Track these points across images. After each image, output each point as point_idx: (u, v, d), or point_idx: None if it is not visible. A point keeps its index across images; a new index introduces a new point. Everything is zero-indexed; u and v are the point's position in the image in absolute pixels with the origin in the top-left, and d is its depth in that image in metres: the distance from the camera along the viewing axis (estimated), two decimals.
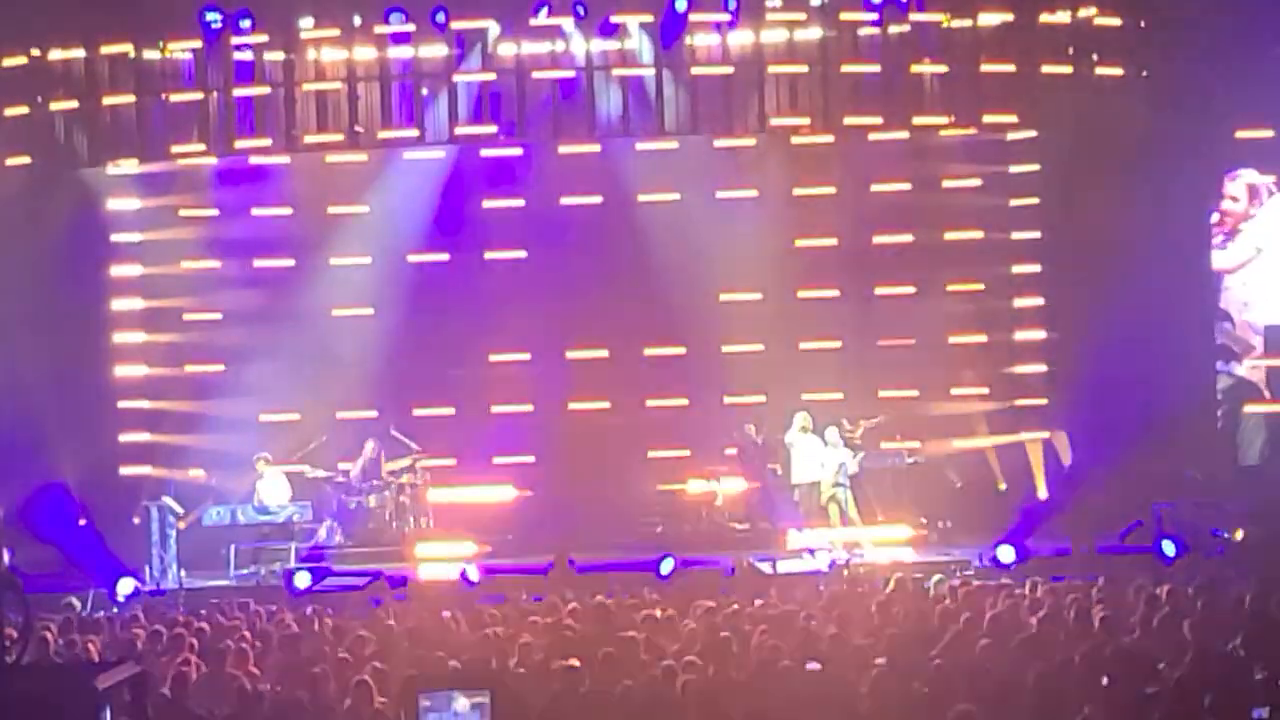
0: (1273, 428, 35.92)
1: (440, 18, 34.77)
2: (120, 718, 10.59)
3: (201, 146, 35.79)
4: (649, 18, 35.04)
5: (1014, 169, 37.21)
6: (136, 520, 34.45)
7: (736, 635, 22.35)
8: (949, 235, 37.30)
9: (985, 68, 35.42)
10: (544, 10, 35.04)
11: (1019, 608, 24.44)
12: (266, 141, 35.90)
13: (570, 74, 35.63)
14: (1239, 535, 32.91)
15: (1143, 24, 35.65)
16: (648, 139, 36.73)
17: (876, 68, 35.43)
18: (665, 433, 37.05)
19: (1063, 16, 35.42)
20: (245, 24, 34.80)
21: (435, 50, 35.31)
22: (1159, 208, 33.87)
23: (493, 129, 36.08)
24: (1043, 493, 35.37)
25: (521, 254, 37.73)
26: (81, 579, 31.12)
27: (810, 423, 35.14)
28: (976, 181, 37.12)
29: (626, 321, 37.40)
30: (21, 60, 35.40)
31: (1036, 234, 37.15)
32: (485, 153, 37.35)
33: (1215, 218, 36.04)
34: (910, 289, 37.25)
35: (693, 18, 34.81)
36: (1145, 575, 26.85)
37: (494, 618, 25.50)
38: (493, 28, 35.36)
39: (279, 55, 35.37)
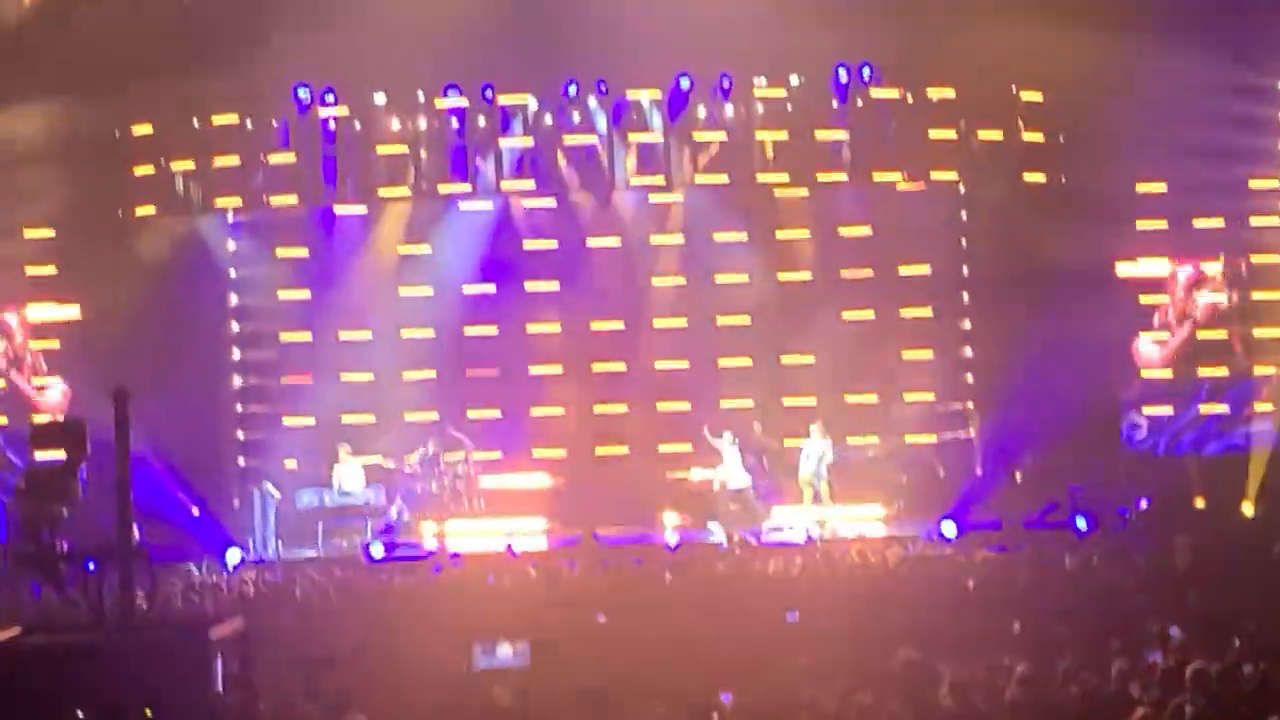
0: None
1: (489, 93, 34.93)
2: (230, 661, 10.66)
3: (294, 198, 35.88)
4: (658, 94, 35.16)
5: (955, 216, 37.19)
6: (237, 503, 34.58)
7: (731, 594, 22.46)
8: (903, 270, 37.28)
9: (932, 134, 35.51)
10: (573, 88, 35.19)
11: (959, 572, 24.51)
12: (347, 194, 36.02)
13: (594, 139, 35.70)
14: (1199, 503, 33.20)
15: (1060, 99, 35.64)
16: (657, 192, 36.79)
17: (844, 134, 35.53)
18: (672, 431, 37.00)
19: (995, 93, 35.47)
20: (329, 98, 34.95)
21: (484, 120, 35.41)
22: (1072, 250, 33.77)
23: (531, 184, 36.18)
24: (977, 476, 35.29)
25: (555, 286, 37.68)
26: (198, 550, 31.22)
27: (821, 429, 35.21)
28: (925, 226, 37.03)
29: (640, 341, 37.38)
30: (148, 129, 35.51)
31: (968, 269, 37.16)
32: (525, 203, 37.31)
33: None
34: (870, 314, 37.21)
35: (694, 94, 34.97)
36: (1062, 545, 26.91)
37: (533, 581, 25.59)
38: (531, 102, 35.47)
39: (356, 123, 35.49)
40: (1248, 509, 33.55)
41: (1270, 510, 33.03)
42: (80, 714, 10.04)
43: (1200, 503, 33.78)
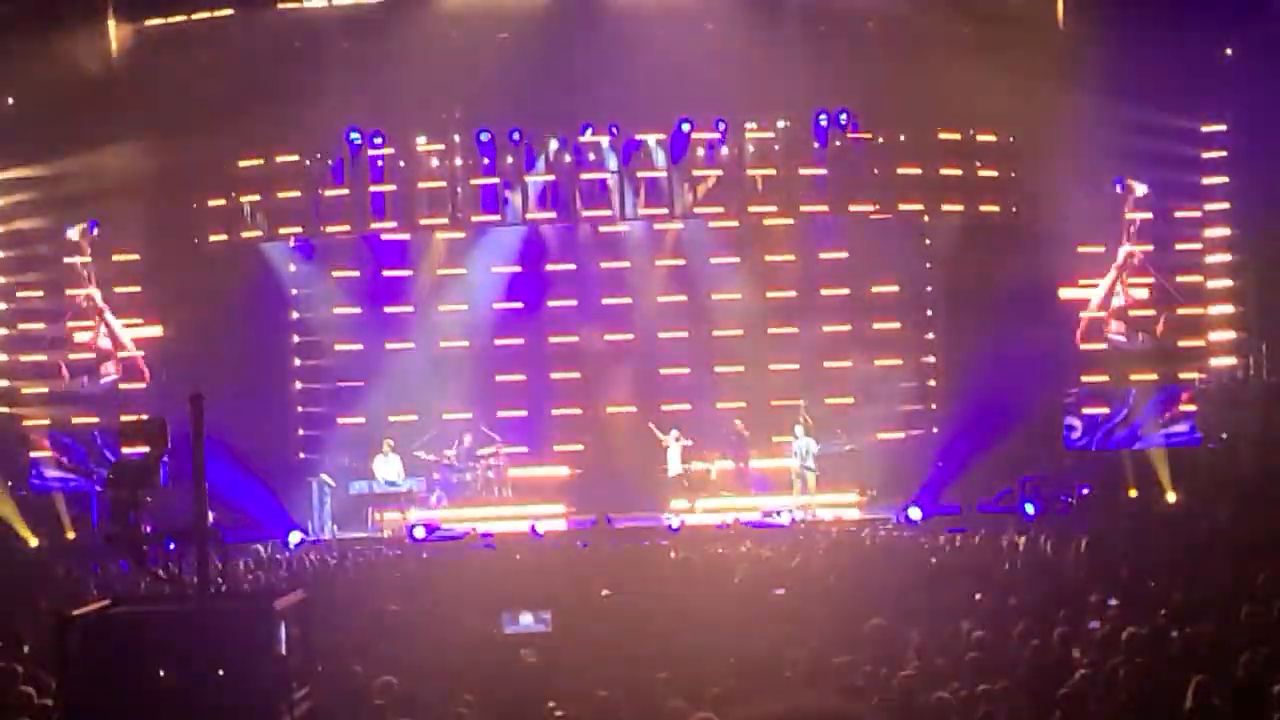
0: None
1: (515, 135, 34.92)
2: (291, 628, 10.68)
3: (347, 227, 35.91)
4: (662, 135, 35.18)
5: (920, 242, 37.23)
6: (301, 492, 34.64)
7: (726, 570, 22.47)
8: (874, 289, 37.34)
9: (900, 171, 35.54)
10: (588, 130, 35.20)
11: (924, 551, 24.52)
12: (393, 223, 36.02)
13: (607, 175, 35.72)
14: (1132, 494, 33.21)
15: (1012, 139, 35.70)
16: (662, 222, 36.83)
17: (824, 171, 35.56)
18: (675, 428, 37.03)
19: (955, 135, 35.50)
20: (377, 140, 34.96)
21: (512, 158, 35.43)
22: (1021, 272, 33.82)
23: (553, 214, 36.19)
24: (939, 468, 35.28)
25: (574, 303, 37.74)
26: (264, 532, 31.27)
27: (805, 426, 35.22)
28: (894, 251, 37.08)
29: (647, 349, 37.45)
30: (220, 166, 35.58)
31: (931, 288, 37.18)
32: (547, 231, 37.36)
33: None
34: (847, 327, 37.25)
35: (694, 136, 34.99)
36: (1013, 528, 26.93)
37: (553, 558, 25.61)
38: (552, 142, 35.50)
39: (401, 162, 35.54)
40: (1170, 496, 33.55)
41: (1190, 497, 33.05)
42: (162, 673, 10.07)
43: (1133, 492, 33.74)
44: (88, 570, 25.34)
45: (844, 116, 34.86)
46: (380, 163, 35.27)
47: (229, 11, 34.12)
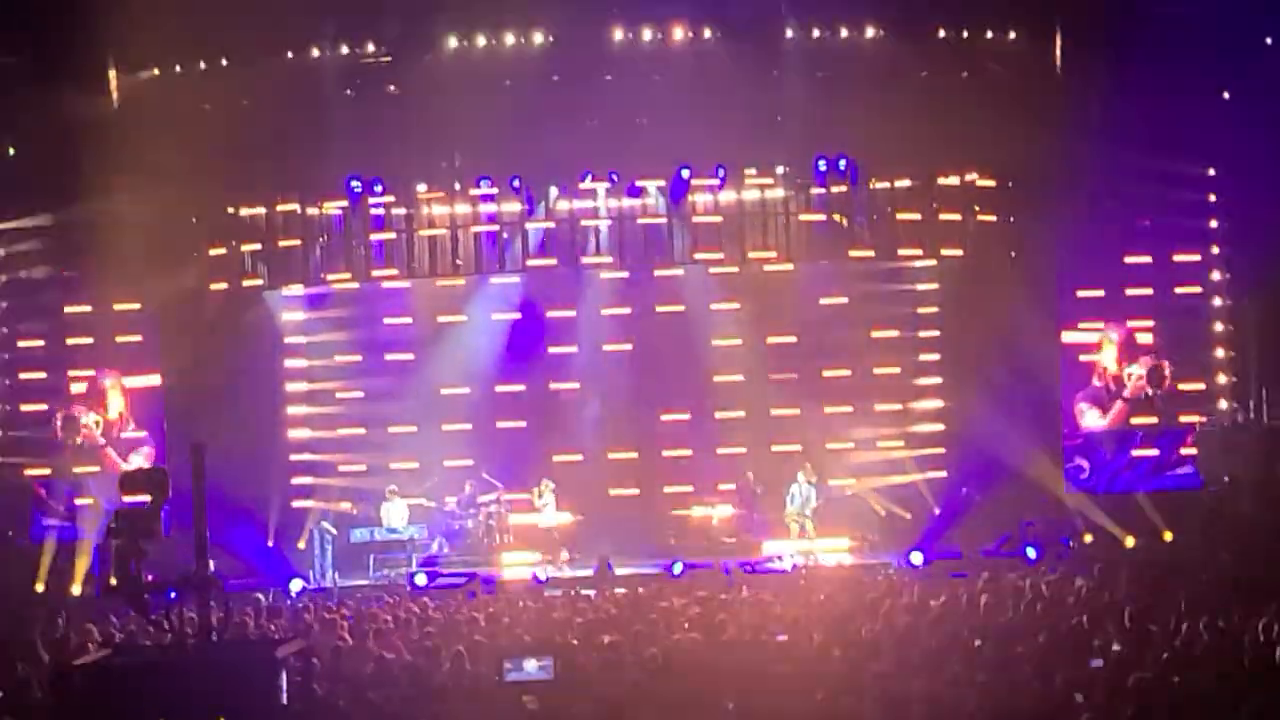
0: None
1: (516, 183, 34.97)
2: (293, 677, 10.66)
3: (348, 275, 35.96)
4: (662, 182, 35.24)
5: (920, 287, 37.20)
6: (302, 545, 34.51)
7: (728, 616, 22.38)
8: (875, 334, 37.30)
9: (899, 216, 35.58)
10: (588, 178, 35.25)
11: (926, 596, 24.43)
12: (393, 271, 36.03)
13: (607, 222, 35.77)
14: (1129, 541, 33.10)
15: (1010, 184, 35.74)
16: (662, 268, 36.82)
17: (823, 217, 35.62)
18: (675, 474, 37.02)
19: (954, 180, 35.53)
20: (378, 189, 35.00)
21: (512, 205, 35.48)
22: (1021, 316, 33.87)
23: (553, 261, 36.19)
24: (938, 513, 35.27)
25: (574, 349, 37.75)
26: (265, 580, 31.19)
27: (807, 474, 35.21)
28: (894, 296, 37.08)
29: (648, 395, 37.41)
30: (221, 214, 35.67)
31: (936, 332, 37.13)
32: (549, 277, 37.36)
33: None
34: (847, 371, 37.21)
35: (694, 182, 35.04)
36: (1015, 572, 26.86)
37: (556, 605, 25.53)
38: (552, 190, 35.57)
39: (402, 210, 35.56)
40: (1167, 537, 33.56)
41: (1190, 539, 33.00)
42: None
43: (1130, 541, 33.60)
44: (89, 620, 25.24)
45: (843, 163, 34.90)
46: (380, 211, 35.30)
47: (228, 61, 34.15)
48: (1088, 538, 33.83)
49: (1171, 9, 32.58)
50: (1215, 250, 36.15)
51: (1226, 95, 34.75)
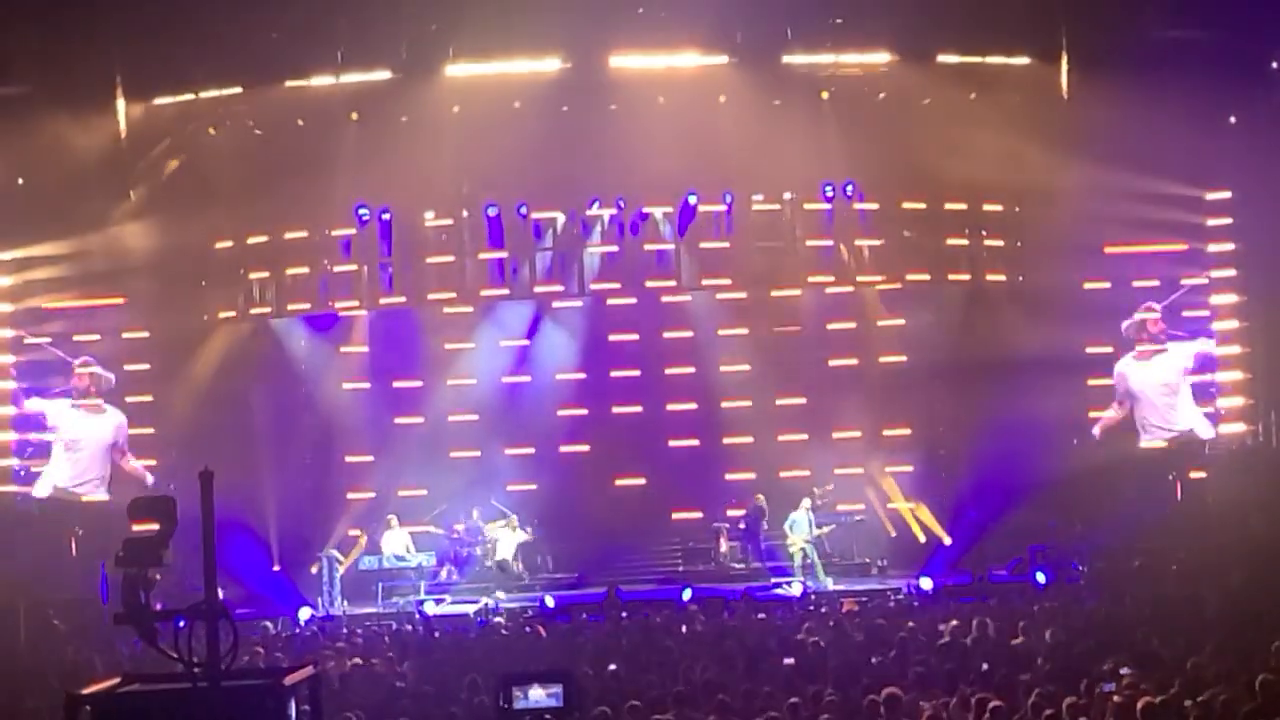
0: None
1: (523, 209, 35.02)
2: (302, 706, 10.63)
3: (355, 302, 36.06)
4: (670, 208, 35.28)
5: (927, 312, 37.20)
6: (315, 570, 34.43)
7: (736, 641, 22.37)
8: (883, 359, 37.27)
9: (906, 240, 35.63)
10: (595, 204, 35.32)
11: (935, 620, 24.40)
12: (401, 298, 36.14)
13: (614, 248, 35.82)
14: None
15: (1017, 209, 35.78)
16: (669, 293, 36.86)
17: (830, 241, 35.65)
18: (684, 500, 37.01)
19: (960, 205, 35.57)
20: (385, 215, 35.05)
21: (519, 232, 35.50)
22: (1028, 338, 33.86)
23: (561, 287, 36.27)
24: (948, 540, 35.20)
25: (581, 375, 37.77)
26: (273, 609, 31.16)
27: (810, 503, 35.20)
28: (901, 321, 37.08)
29: (656, 422, 37.40)
30: (229, 244, 35.74)
31: (938, 357, 37.11)
32: (556, 304, 37.40)
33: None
34: (856, 397, 37.21)
35: (701, 208, 35.06)
36: (1025, 597, 26.83)
37: (564, 632, 25.52)
38: (560, 216, 35.62)
39: (409, 237, 35.59)
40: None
41: (1201, 563, 32.92)
42: None
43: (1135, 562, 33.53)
44: (97, 649, 25.24)
45: (850, 188, 34.93)
46: (388, 238, 35.33)
47: (237, 89, 34.21)
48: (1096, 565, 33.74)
49: (1178, 34, 32.66)
50: (1222, 274, 36.08)
51: (1233, 119, 34.76)
